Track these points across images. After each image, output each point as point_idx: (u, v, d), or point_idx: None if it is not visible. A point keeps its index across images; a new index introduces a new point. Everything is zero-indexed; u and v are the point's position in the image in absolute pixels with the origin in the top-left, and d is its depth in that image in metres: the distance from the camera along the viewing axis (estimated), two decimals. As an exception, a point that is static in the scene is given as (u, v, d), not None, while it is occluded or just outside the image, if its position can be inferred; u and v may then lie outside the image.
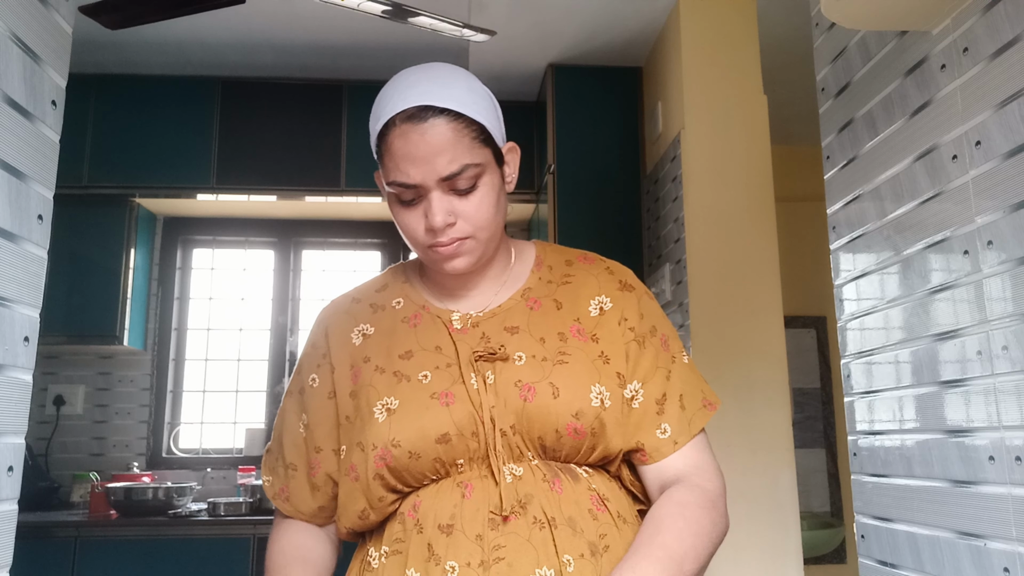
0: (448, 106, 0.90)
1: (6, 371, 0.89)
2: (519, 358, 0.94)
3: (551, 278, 1.04)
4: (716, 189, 2.45)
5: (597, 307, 1.01)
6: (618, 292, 1.02)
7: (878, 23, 1.19)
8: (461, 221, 0.93)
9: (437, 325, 1.00)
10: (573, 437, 0.91)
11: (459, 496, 0.89)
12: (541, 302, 1.01)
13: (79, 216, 3.19)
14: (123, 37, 2.77)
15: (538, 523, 0.87)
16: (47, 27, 1.00)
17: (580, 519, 0.89)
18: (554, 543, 0.86)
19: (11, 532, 0.90)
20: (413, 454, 0.89)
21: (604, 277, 1.04)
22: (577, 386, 0.92)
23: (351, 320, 1.05)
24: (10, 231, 0.91)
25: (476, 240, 0.95)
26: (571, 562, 0.86)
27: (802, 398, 3.73)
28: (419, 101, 0.90)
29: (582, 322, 0.99)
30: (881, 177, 1.28)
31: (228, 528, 2.87)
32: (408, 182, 0.91)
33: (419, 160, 0.90)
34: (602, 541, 0.89)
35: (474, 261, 0.97)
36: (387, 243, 3.79)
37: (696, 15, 2.56)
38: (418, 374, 0.94)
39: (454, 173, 0.90)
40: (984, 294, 1.03)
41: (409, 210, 0.94)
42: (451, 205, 0.92)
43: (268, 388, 3.65)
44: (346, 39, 3.02)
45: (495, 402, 0.91)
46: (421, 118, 0.90)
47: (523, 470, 0.90)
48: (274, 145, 3.27)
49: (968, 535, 1.06)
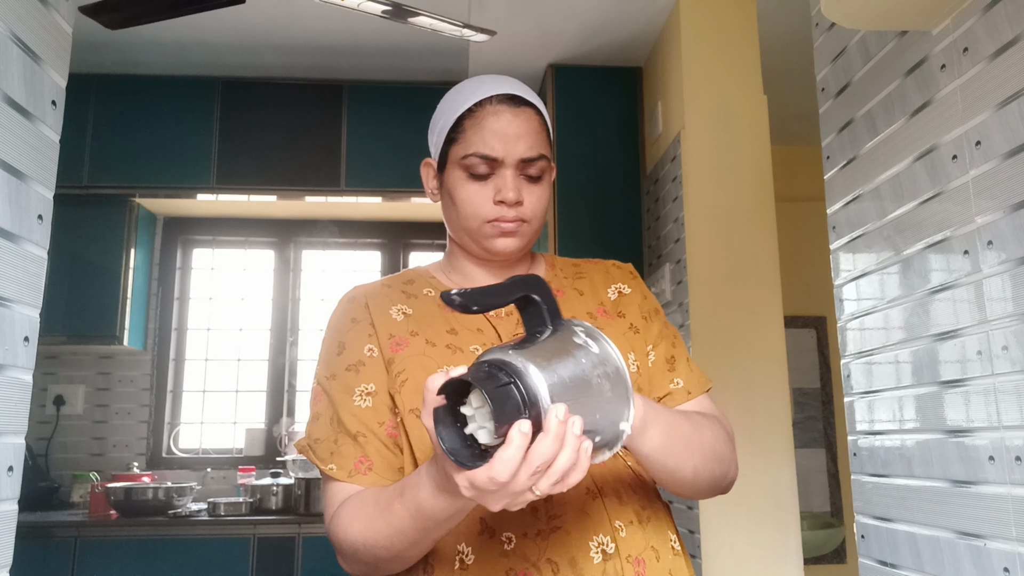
0: (536, 103, 1.03)
1: (6, 371, 0.89)
2: None
3: (565, 275, 1.12)
4: (716, 189, 2.45)
5: (615, 291, 1.10)
6: (631, 279, 1.12)
7: (878, 23, 1.19)
8: (525, 205, 1.00)
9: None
10: None
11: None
12: (563, 291, 1.08)
13: (79, 216, 3.19)
14: (123, 37, 2.77)
15: (590, 493, 0.91)
16: (47, 27, 1.00)
17: (624, 490, 0.94)
18: (606, 511, 0.91)
19: (11, 532, 0.90)
20: None
21: (614, 271, 1.14)
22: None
23: (388, 299, 1.05)
24: (10, 231, 0.91)
25: (530, 226, 1.02)
26: (622, 528, 0.91)
27: (802, 398, 3.73)
28: (515, 91, 1.02)
29: (605, 304, 1.08)
30: (881, 177, 1.28)
31: (228, 528, 2.87)
32: (491, 154, 0.98)
33: (508, 138, 0.98)
34: (644, 511, 0.94)
35: (523, 245, 1.03)
36: (387, 243, 3.79)
37: (696, 15, 2.56)
38: (469, 346, 0.99)
39: (532, 158, 0.99)
40: (984, 294, 1.03)
41: (478, 184, 1.00)
42: (521, 188, 1.00)
43: (268, 388, 3.65)
44: (346, 39, 3.02)
45: None
46: (517, 102, 1.01)
47: None
48: (274, 145, 3.27)
49: (968, 535, 1.06)
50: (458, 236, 1.06)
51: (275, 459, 3.41)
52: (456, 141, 1.01)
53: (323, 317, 3.70)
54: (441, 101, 1.07)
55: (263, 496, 3.03)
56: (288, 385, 3.65)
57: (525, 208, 1.00)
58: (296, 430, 3.52)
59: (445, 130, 1.03)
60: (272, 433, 3.54)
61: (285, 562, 2.84)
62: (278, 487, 3.04)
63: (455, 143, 1.01)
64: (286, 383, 3.64)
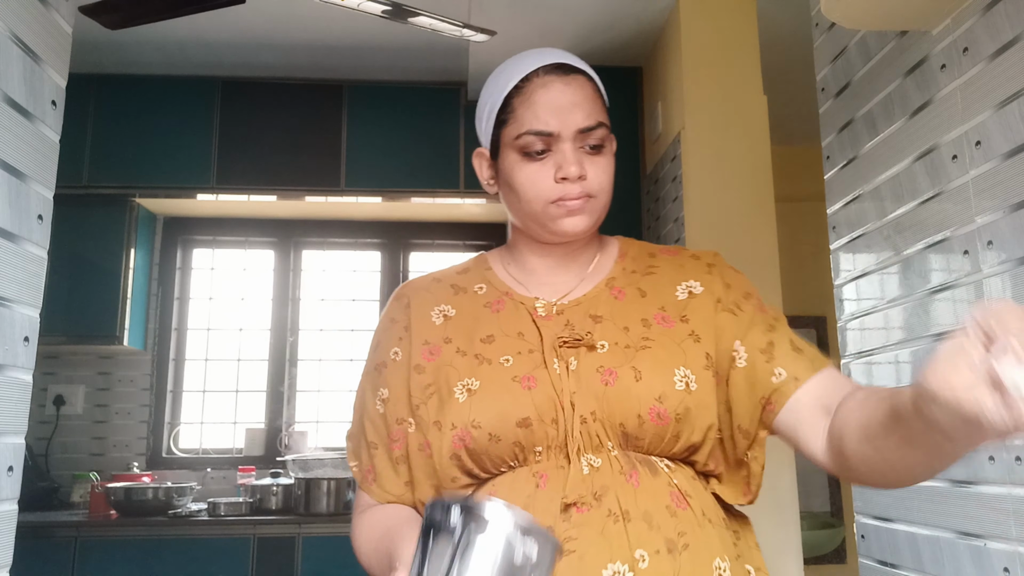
0: (586, 70, 0.97)
1: (6, 371, 0.89)
2: (603, 346, 0.92)
3: (635, 268, 1.04)
4: (716, 189, 2.45)
5: (685, 291, 0.99)
6: (706, 275, 1.00)
7: (878, 23, 1.19)
8: (590, 178, 0.95)
9: (520, 312, 0.98)
10: (656, 422, 0.88)
11: (533, 486, 0.87)
12: (625, 291, 1.00)
13: (79, 216, 3.19)
14: (123, 37, 2.77)
15: (612, 516, 0.84)
16: (47, 27, 1.00)
17: (657, 514, 0.85)
18: (627, 537, 0.82)
19: (11, 532, 0.90)
20: (493, 436, 0.88)
21: (690, 264, 1.02)
22: (661, 369, 0.90)
23: (432, 299, 1.03)
24: (10, 231, 0.91)
25: (598, 201, 0.97)
26: (645, 557, 0.82)
27: (802, 398, 3.72)
28: (563, 59, 0.96)
29: (667, 308, 0.97)
30: (881, 177, 1.28)
31: (228, 528, 2.87)
32: (546, 129, 0.93)
33: (561, 109, 0.93)
34: (681, 539, 0.84)
35: (592, 224, 0.98)
36: (387, 243, 3.79)
37: (696, 15, 2.56)
38: (500, 358, 0.93)
39: (590, 127, 0.94)
40: (984, 294, 1.03)
41: (537, 163, 0.95)
42: (584, 161, 0.94)
43: (268, 388, 3.65)
44: (346, 39, 3.02)
45: (576, 388, 0.89)
46: (566, 71, 0.95)
47: (601, 461, 0.88)
48: (274, 145, 3.27)
49: (968, 535, 1.06)
50: (523, 223, 1.00)
51: (275, 459, 3.41)
52: (507, 123, 0.96)
53: (323, 317, 3.71)
54: (485, 85, 1.01)
55: (263, 496, 3.03)
56: (288, 385, 3.65)
57: (590, 182, 0.94)
58: (296, 430, 3.52)
59: (494, 113, 0.97)
60: (272, 431, 3.54)
61: (285, 562, 2.84)
62: (278, 487, 3.04)
63: (506, 124, 0.96)
64: (286, 383, 3.64)
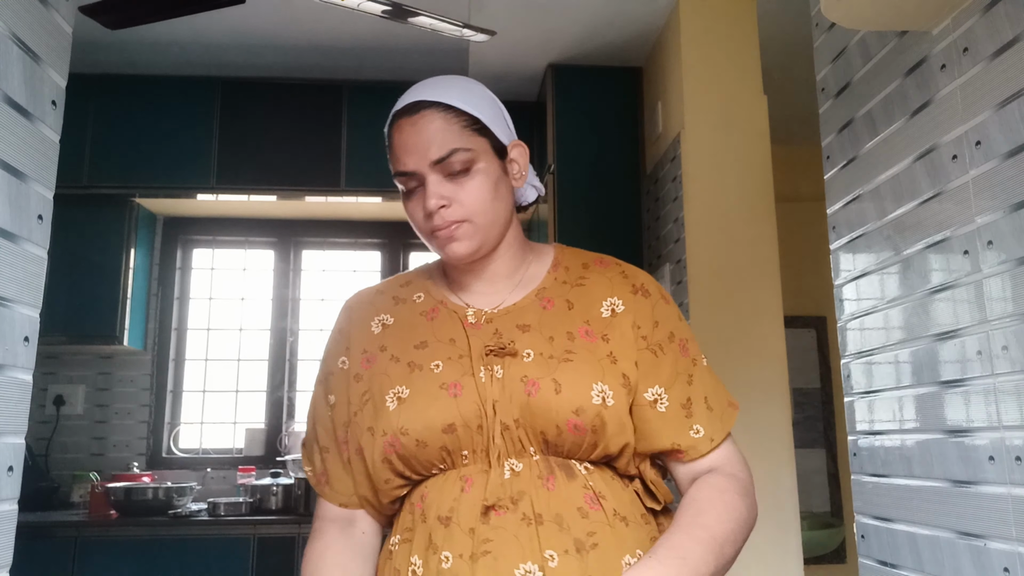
0: (437, 99, 0.99)
1: (6, 371, 0.89)
2: (527, 355, 0.97)
3: (566, 279, 1.06)
4: (716, 189, 2.45)
5: (609, 308, 1.02)
6: (631, 296, 1.04)
7: (878, 23, 1.19)
8: (456, 205, 0.97)
9: (453, 319, 1.03)
10: (573, 433, 0.93)
11: (459, 489, 0.93)
12: (554, 302, 1.03)
13: (79, 216, 3.19)
14: (123, 37, 2.77)
15: (526, 519, 0.89)
16: (47, 27, 1.00)
17: (568, 516, 0.90)
18: (539, 539, 0.88)
19: (11, 532, 0.90)
20: (420, 442, 0.94)
21: (618, 280, 1.05)
22: (579, 383, 0.94)
23: (373, 309, 1.09)
24: (10, 231, 0.91)
25: (473, 224, 0.98)
26: (554, 557, 0.87)
27: (802, 398, 3.73)
28: (412, 99, 1.00)
29: (592, 323, 1.01)
30: (881, 177, 1.28)
31: (228, 528, 2.87)
32: (404, 170, 0.98)
33: (412, 149, 0.97)
34: (590, 539, 0.90)
35: (475, 246, 1.00)
36: (387, 243, 3.79)
37: (696, 15, 2.56)
38: (431, 363, 0.98)
39: (443, 157, 0.96)
40: (984, 294, 1.03)
41: (412, 200, 1.01)
42: (446, 190, 0.97)
43: (268, 388, 3.65)
44: (346, 39, 3.02)
45: (500, 396, 0.94)
46: (413, 111, 0.98)
47: (522, 466, 0.93)
48: (274, 145, 3.27)
49: (968, 535, 1.06)
50: None
51: (275, 459, 3.41)
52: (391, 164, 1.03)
53: (323, 317, 3.71)
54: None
55: (263, 496, 3.03)
56: (288, 385, 3.65)
57: (458, 208, 0.97)
58: (296, 430, 3.52)
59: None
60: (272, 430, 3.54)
61: (285, 562, 2.84)
62: (278, 487, 3.04)
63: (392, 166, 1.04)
64: (286, 383, 3.64)
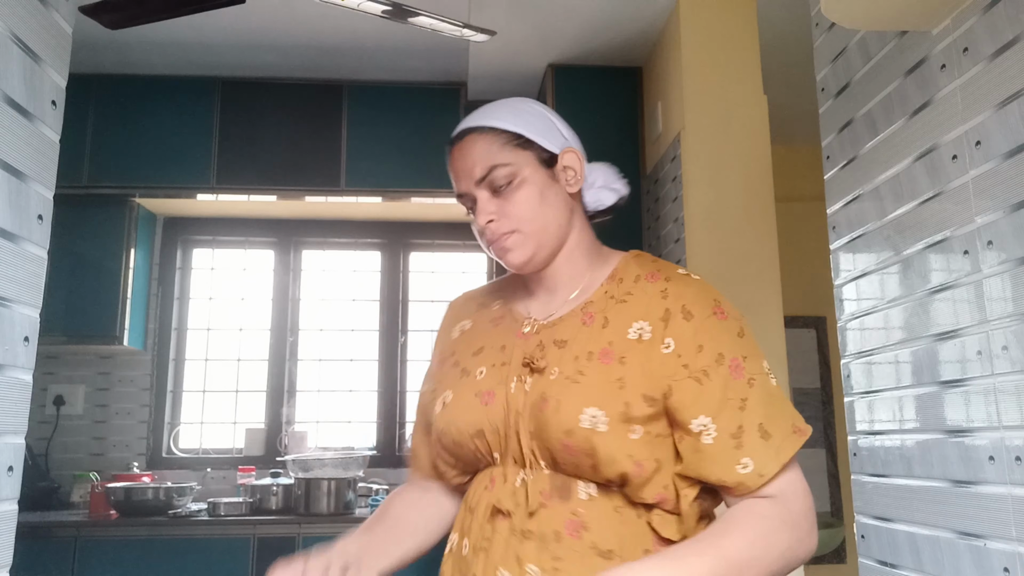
0: (479, 124, 1.05)
1: (6, 371, 0.89)
2: (554, 372, 0.99)
3: (614, 293, 1.04)
4: (716, 189, 2.45)
5: (637, 332, 0.98)
6: (661, 322, 0.98)
7: (878, 23, 1.19)
8: (503, 218, 1.03)
9: (512, 327, 1.09)
10: (568, 454, 0.95)
11: (484, 487, 1.02)
12: (595, 318, 1.02)
13: (79, 216, 3.19)
14: (123, 37, 2.77)
15: (515, 531, 0.95)
16: (47, 27, 1.00)
17: (549, 537, 0.94)
18: (521, 552, 0.93)
19: (11, 532, 0.90)
20: (456, 443, 1.04)
21: (655, 302, 1.00)
22: (573, 406, 0.94)
23: (459, 315, 1.19)
24: (10, 231, 0.91)
25: (522, 234, 1.03)
26: (535, 572, 0.92)
27: (802, 398, 3.73)
28: (461, 127, 1.08)
29: (614, 344, 0.98)
30: (881, 177, 1.28)
31: (228, 528, 2.87)
32: (459, 191, 1.07)
33: (460, 173, 1.05)
34: (553, 563, 0.91)
35: (528, 254, 1.04)
36: (387, 243, 3.79)
37: (696, 15, 2.56)
38: (478, 369, 1.06)
39: (485, 175, 1.02)
40: (984, 294, 1.04)
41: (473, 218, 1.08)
42: (493, 205, 1.03)
43: (268, 388, 3.64)
44: (346, 39, 3.02)
45: (522, 409, 0.98)
46: (460, 138, 1.06)
47: (532, 478, 0.97)
48: (274, 145, 3.27)
49: (968, 535, 1.06)
50: None
51: (275, 459, 3.41)
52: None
53: (323, 317, 3.71)
54: None
55: (263, 496, 3.03)
56: (288, 385, 3.65)
57: (505, 221, 1.03)
58: (296, 430, 3.52)
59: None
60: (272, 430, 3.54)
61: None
62: (278, 487, 3.04)
63: None
64: (286, 383, 3.64)
